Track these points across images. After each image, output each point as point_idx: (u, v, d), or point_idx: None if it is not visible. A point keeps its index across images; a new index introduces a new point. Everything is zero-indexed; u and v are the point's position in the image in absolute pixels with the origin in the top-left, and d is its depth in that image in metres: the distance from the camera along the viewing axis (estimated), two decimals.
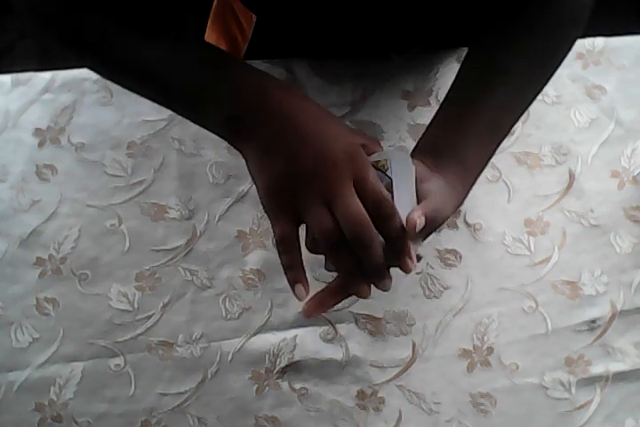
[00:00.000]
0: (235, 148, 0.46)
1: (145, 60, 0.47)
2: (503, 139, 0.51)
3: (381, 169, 0.45)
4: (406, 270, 0.43)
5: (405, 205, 0.44)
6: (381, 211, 0.42)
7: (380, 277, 0.44)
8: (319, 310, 0.45)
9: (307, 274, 0.64)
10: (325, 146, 0.42)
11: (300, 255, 0.44)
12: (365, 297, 0.45)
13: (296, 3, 0.57)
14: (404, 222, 0.43)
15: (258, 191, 0.44)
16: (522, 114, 0.52)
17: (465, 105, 0.50)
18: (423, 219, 0.42)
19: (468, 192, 0.49)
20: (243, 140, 0.45)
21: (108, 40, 0.47)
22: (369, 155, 0.46)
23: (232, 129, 0.45)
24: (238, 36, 0.80)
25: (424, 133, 0.51)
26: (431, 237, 0.47)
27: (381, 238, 0.43)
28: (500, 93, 0.50)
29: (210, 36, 0.84)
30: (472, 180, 0.49)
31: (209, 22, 0.84)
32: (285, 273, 0.45)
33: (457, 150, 0.48)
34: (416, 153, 0.49)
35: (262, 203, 0.44)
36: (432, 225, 0.44)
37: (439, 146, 0.49)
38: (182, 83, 0.46)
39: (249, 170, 0.44)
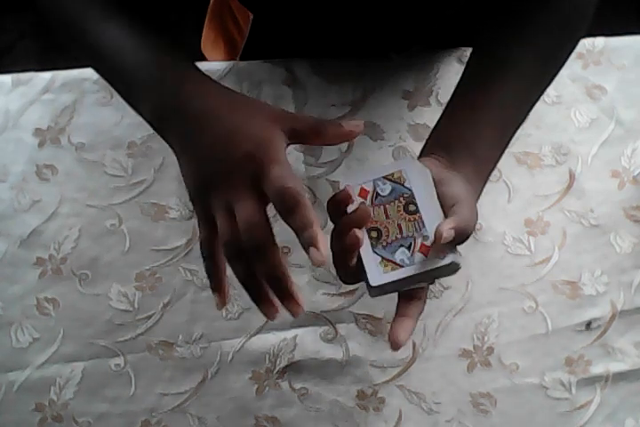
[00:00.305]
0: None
1: (98, 35, 0.48)
2: (514, 132, 0.51)
3: (398, 181, 0.44)
4: (315, 263, 0.38)
5: (433, 215, 0.43)
6: (285, 203, 0.38)
7: (285, 296, 0.40)
8: (405, 335, 0.42)
9: (306, 274, 0.65)
10: (230, 147, 0.41)
11: (221, 261, 0.43)
12: (270, 319, 0.42)
13: (292, 1, 0.57)
14: (432, 235, 0.41)
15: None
16: (532, 107, 0.52)
17: (475, 99, 0.49)
18: (452, 232, 0.40)
19: (483, 188, 0.48)
20: (168, 139, 0.45)
21: (73, 10, 0.48)
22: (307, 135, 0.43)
23: (158, 125, 0.46)
24: (236, 35, 0.80)
25: (434, 129, 0.50)
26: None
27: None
28: (511, 87, 0.49)
29: (207, 34, 0.84)
30: (487, 175, 0.49)
31: (206, 20, 0.84)
32: (208, 276, 0.45)
33: (471, 146, 0.47)
34: (428, 149, 0.48)
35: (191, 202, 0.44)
36: (463, 234, 0.42)
37: (452, 142, 0.48)
38: (126, 69, 0.47)
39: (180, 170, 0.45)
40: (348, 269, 0.43)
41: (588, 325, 0.64)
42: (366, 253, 0.43)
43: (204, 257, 0.43)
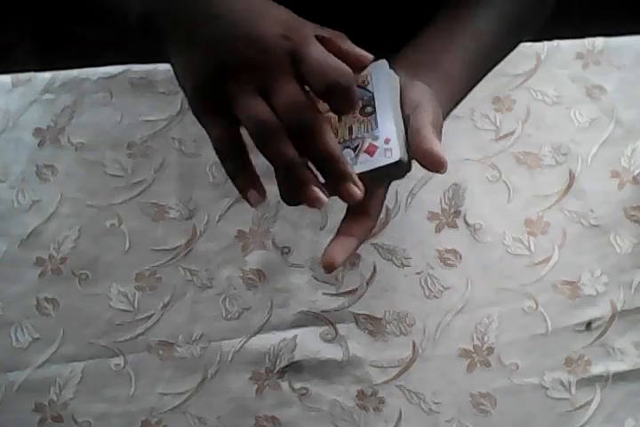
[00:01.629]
0: (157, 47, 0.40)
1: None
2: (491, 64, 0.50)
3: (361, 85, 0.41)
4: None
5: (388, 116, 0.39)
6: (330, 79, 0.35)
7: (342, 176, 0.36)
8: (340, 255, 0.39)
9: (306, 274, 0.65)
10: (253, 27, 0.36)
11: (247, 157, 0.38)
12: (318, 207, 0.37)
13: None
14: (384, 134, 0.38)
15: (187, 97, 0.38)
16: (511, 47, 0.51)
17: (450, 27, 0.48)
18: (438, 143, 0.37)
19: (454, 106, 0.46)
20: (163, 39, 0.39)
21: None
22: (337, 52, 0.39)
23: (151, 28, 0.40)
24: None
25: (403, 48, 0.48)
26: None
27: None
28: (487, 19, 0.49)
29: None
30: (456, 95, 0.46)
31: None
32: (233, 181, 0.40)
33: (439, 61, 0.45)
34: (395, 64, 0.45)
35: (192, 108, 0.38)
36: (439, 128, 0.40)
37: (419, 58, 0.46)
38: None
39: (176, 76, 0.39)
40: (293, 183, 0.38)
41: (588, 325, 0.64)
42: None
43: (225, 157, 0.38)
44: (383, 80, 0.42)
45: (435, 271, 0.65)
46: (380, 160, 0.39)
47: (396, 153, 0.38)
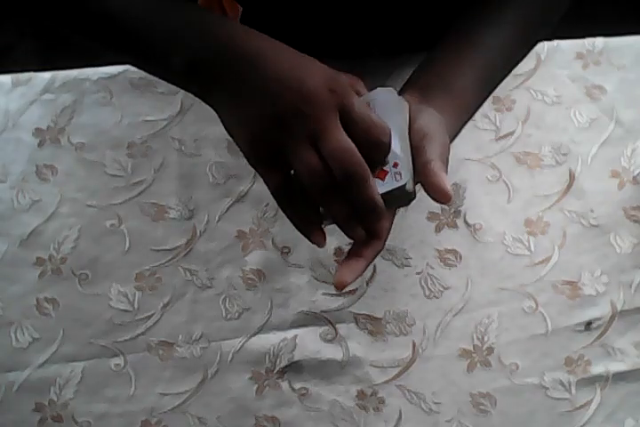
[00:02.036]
0: (203, 100, 0.42)
1: (109, 5, 0.43)
2: (499, 79, 0.50)
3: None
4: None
5: (394, 143, 0.41)
6: (372, 136, 0.38)
7: (376, 217, 0.40)
8: (350, 277, 0.41)
9: (306, 274, 0.65)
10: (301, 80, 0.38)
11: (304, 201, 0.40)
12: (358, 240, 0.42)
13: None
14: (392, 159, 0.40)
15: (238, 146, 0.40)
16: (520, 58, 0.51)
17: (458, 42, 0.48)
18: (445, 178, 0.40)
19: (463, 125, 0.47)
20: (208, 90, 0.41)
21: None
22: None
23: (194, 77, 0.41)
24: None
25: (411, 74, 0.49)
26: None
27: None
28: (496, 33, 0.49)
29: None
30: (465, 111, 0.47)
31: None
32: (295, 225, 0.41)
33: (448, 81, 0.46)
34: (404, 90, 0.47)
35: (246, 157, 0.40)
36: (445, 161, 0.42)
37: (427, 80, 0.46)
38: (144, 31, 0.43)
39: (223, 124, 0.41)
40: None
41: (588, 325, 0.64)
42: None
43: (285, 207, 0.41)
44: (391, 106, 0.43)
45: (435, 271, 0.65)
46: (391, 184, 0.41)
47: (405, 176, 0.40)
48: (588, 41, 0.72)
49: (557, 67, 0.71)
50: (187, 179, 0.68)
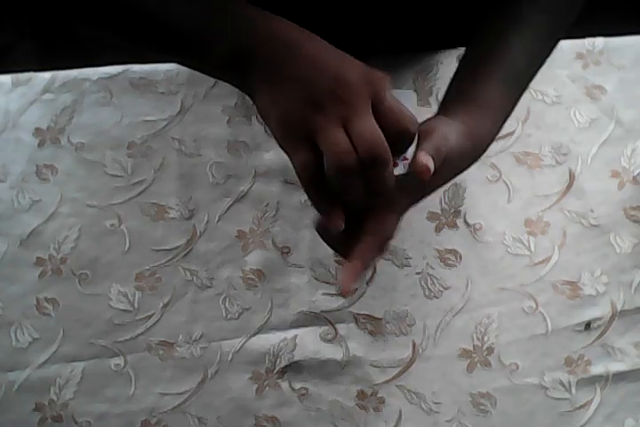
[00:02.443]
0: (241, 88, 0.45)
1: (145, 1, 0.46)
2: (526, 84, 0.51)
3: None
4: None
5: None
6: (401, 125, 0.40)
7: (384, 200, 0.43)
8: (354, 281, 0.43)
9: (306, 274, 0.65)
10: (340, 69, 0.40)
11: (328, 185, 0.42)
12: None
13: None
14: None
15: (271, 129, 0.42)
16: (541, 65, 0.52)
17: (484, 56, 0.50)
18: (430, 160, 0.41)
19: (494, 137, 0.48)
20: (250, 77, 0.43)
21: None
22: None
23: (237, 67, 0.43)
24: None
25: (442, 100, 0.50)
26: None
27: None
28: (518, 41, 0.50)
29: None
30: (496, 122, 0.48)
31: None
32: (315, 206, 0.43)
33: (477, 94, 0.48)
34: (438, 111, 0.49)
35: (277, 138, 0.42)
36: (438, 158, 0.43)
37: (458, 98, 0.48)
38: (181, 21, 0.45)
39: (258, 110, 0.43)
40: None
41: (588, 325, 0.64)
42: None
43: (309, 186, 0.42)
44: (406, 104, 0.44)
45: (435, 271, 0.65)
46: (397, 171, 0.43)
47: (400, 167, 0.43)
48: (587, 41, 0.72)
49: (557, 67, 0.71)
50: (187, 179, 0.68)
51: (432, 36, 0.71)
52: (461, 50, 0.71)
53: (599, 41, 0.72)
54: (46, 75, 0.71)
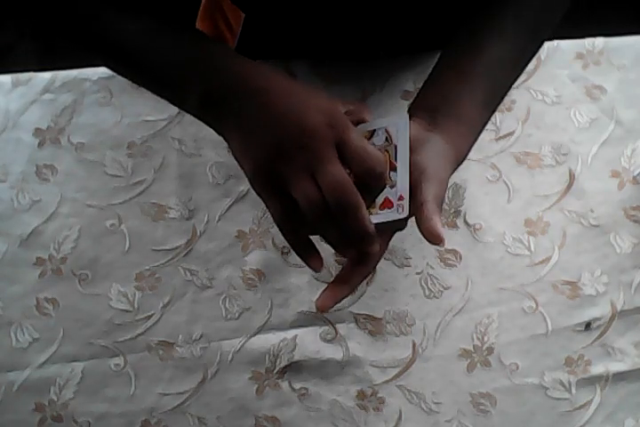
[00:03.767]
0: (214, 130, 0.46)
1: (126, 38, 0.47)
2: (502, 96, 0.51)
3: (389, 135, 0.45)
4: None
5: (404, 175, 0.43)
6: (367, 166, 0.41)
7: (367, 244, 0.43)
8: (332, 301, 0.44)
9: (306, 274, 0.65)
10: (302, 117, 0.41)
11: (304, 229, 0.43)
12: (351, 260, 0.45)
13: (284, 1, 0.57)
14: (399, 191, 0.42)
15: (245, 173, 0.43)
16: (523, 69, 0.52)
17: (461, 62, 0.49)
18: (439, 221, 0.42)
19: (471, 147, 0.48)
20: (220, 121, 0.44)
21: (94, 16, 0.47)
22: (359, 122, 0.45)
23: (208, 109, 0.45)
24: (227, 34, 0.80)
25: (419, 92, 0.50)
26: None
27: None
28: (498, 51, 0.50)
29: None
30: (472, 136, 0.48)
31: (197, 20, 0.84)
32: (294, 250, 0.44)
33: (454, 106, 0.47)
34: (411, 112, 0.48)
35: (251, 184, 0.43)
36: (440, 201, 0.44)
37: (435, 103, 0.48)
38: (159, 65, 0.46)
39: (232, 153, 0.44)
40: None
41: (588, 325, 0.64)
42: None
43: (287, 232, 0.43)
44: (402, 135, 0.44)
45: (435, 271, 0.65)
46: (394, 215, 0.43)
47: (406, 210, 0.42)
48: (587, 41, 0.72)
49: (557, 67, 0.71)
50: (187, 179, 0.68)
51: (432, 37, 0.71)
52: None
53: (599, 41, 0.72)
54: (46, 75, 0.71)
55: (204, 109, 0.45)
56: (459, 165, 0.47)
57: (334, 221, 0.41)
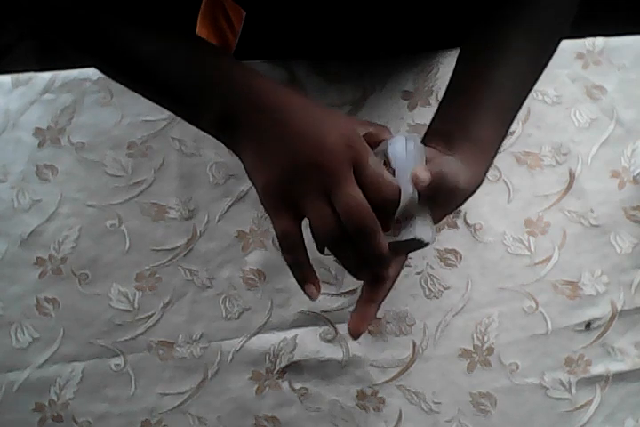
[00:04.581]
0: (229, 148, 0.45)
1: (140, 55, 0.46)
2: (514, 116, 0.50)
3: (387, 157, 0.44)
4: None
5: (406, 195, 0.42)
6: (382, 195, 0.41)
7: (383, 267, 0.43)
8: (364, 323, 0.45)
9: None
10: (320, 136, 0.40)
11: (306, 252, 0.43)
12: (367, 282, 0.45)
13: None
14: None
15: (257, 191, 0.43)
16: (529, 91, 0.51)
17: (473, 84, 0.49)
18: (428, 174, 0.41)
19: (487, 170, 0.48)
20: (236, 140, 0.44)
21: (107, 33, 0.46)
22: (378, 143, 0.45)
23: (224, 127, 0.44)
24: (228, 33, 0.80)
25: (433, 117, 0.49)
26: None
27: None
28: (508, 71, 0.49)
29: (200, 32, 0.84)
30: (489, 158, 0.48)
31: (199, 18, 0.84)
32: (293, 272, 0.44)
33: (469, 130, 0.47)
34: (427, 139, 0.48)
35: (262, 202, 0.43)
36: (438, 190, 0.42)
37: (450, 129, 0.47)
38: (174, 81, 0.46)
39: (246, 171, 0.44)
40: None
41: (588, 325, 0.64)
42: None
43: (287, 250, 0.43)
44: (412, 156, 0.43)
45: (435, 271, 0.65)
46: (406, 235, 0.42)
47: (417, 231, 0.42)
48: (587, 41, 0.72)
49: (557, 67, 0.71)
50: (187, 179, 0.68)
51: (431, 37, 0.71)
52: None
53: (599, 41, 0.72)
54: (46, 75, 0.71)
55: (220, 127, 0.44)
56: (476, 190, 0.46)
57: (349, 244, 0.41)
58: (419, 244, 0.43)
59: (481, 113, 0.48)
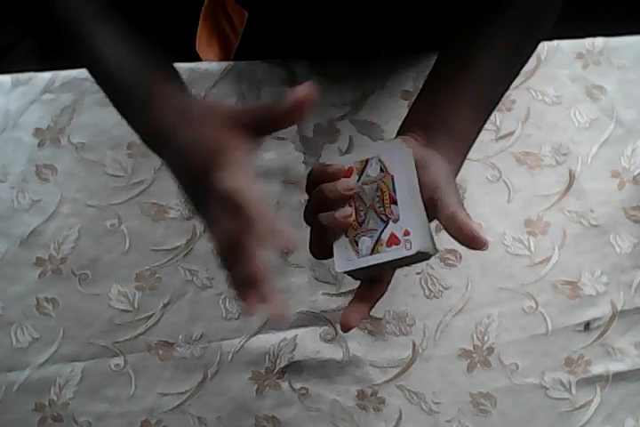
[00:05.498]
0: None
1: (93, 42, 0.50)
2: (492, 110, 0.51)
3: (383, 164, 0.43)
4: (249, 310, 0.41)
5: (410, 206, 0.42)
6: (229, 204, 0.38)
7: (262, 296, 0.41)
8: (356, 320, 0.44)
9: (306, 274, 0.65)
10: (184, 168, 0.43)
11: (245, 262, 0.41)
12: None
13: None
14: (405, 225, 0.41)
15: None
16: (508, 86, 0.52)
17: (452, 77, 0.49)
18: (479, 226, 0.42)
19: (462, 163, 0.48)
20: (157, 152, 0.47)
21: (78, 19, 0.50)
22: (261, 124, 0.42)
23: (146, 140, 0.48)
24: (230, 33, 0.80)
25: (411, 108, 0.50)
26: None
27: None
28: (486, 65, 0.50)
29: (201, 33, 0.84)
30: (464, 152, 0.49)
31: (200, 19, 0.84)
32: (234, 287, 0.43)
33: (448, 123, 0.48)
34: (405, 127, 0.48)
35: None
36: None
37: (429, 120, 0.48)
38: (119, 85, 0.50)
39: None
40: (323, 247, 0.44)
41: (588, 325, 0.64)
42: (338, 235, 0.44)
43: (223, 265, 0.43)
44: (400, 163, 0.43)
45: (435, 271, 0.65)
46: (401, 252, 0.41)
47: (415, 245, 0.41)
48: (587, 41, 0.72)
49: (557, 67, 0.71)
50: None
51: (432, 36, 0.71)
52: None
53: (599, 41, 0.72)
54: (46, 75, 0.71)
55: (146, 141, 0.48)
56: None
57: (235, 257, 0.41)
58: (423, 256, 0.42)
59: (461, 106, 0.48)
